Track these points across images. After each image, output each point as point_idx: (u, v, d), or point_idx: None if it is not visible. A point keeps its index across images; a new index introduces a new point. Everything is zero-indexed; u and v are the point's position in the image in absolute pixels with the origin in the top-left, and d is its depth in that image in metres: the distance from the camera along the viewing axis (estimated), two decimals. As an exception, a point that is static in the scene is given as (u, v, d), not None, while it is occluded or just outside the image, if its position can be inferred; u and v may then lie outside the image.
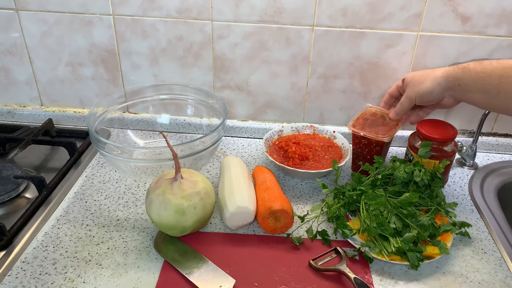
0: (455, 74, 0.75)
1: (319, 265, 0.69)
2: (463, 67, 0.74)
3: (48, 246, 0.73)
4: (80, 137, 1.02)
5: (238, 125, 1.06)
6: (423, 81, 0.79)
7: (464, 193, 0.89)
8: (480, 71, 0.72)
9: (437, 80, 0.77)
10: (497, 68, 0.71)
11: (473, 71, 0.73)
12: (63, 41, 0.99)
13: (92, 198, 0.84)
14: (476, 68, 0.73)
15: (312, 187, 0.89)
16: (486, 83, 0.71)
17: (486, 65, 0.72)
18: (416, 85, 0.80)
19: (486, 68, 0.72)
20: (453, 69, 0.76)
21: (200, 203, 0.71)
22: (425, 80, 0.79)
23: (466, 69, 0.74)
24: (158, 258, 0.71)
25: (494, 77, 0.70)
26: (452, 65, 0.77)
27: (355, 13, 0.90)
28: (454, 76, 0.75)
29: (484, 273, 0.70)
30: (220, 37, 0.95)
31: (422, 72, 0.82)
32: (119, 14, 0.94)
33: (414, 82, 0.81)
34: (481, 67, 0.72)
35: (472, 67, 0.73)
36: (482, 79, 0.72)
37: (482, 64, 0.73)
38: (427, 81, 0.78)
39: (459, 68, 0.75)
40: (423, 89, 0.79)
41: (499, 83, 0.70)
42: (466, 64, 0.74)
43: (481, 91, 0.73)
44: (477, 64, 0.73)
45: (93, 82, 1.04)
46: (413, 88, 0.81)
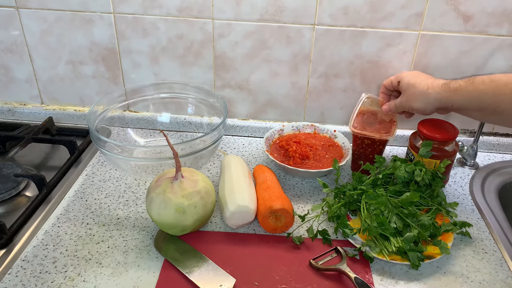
0: (448, 97, 0.74)
1: (319, 264, 0.69)
2: (455, 89, 0.73)
3: (48, 245, 0.73)
4: (80, 136, 1.02)
5: (239, 124, 1.05)
6: (417, 98, 0.78)
7: (465, 192, 0.89)
8: (473, 90, 0.71)
9: (430, 101, 0.77)
10: (490, 86, 0.69)
11: (465, 91, 0.72)
12: (63, 39, 0.99)
13: (93, 196, 0.84)
14: (468, 88, 0.71)
15: (313, 186, 0.89)
16: (480, 103, 0.71)
17: (479, 84, 0.70)
18: (410, 99, 0.80)
19: (479, 87, 0.70)
20: (445, 90, 0.74)
21: (200, 202, 0.71)
22: (419, 97, 0.78)
23: (458, 90, 0.73)
24: (158, 257, 0.71)
25: (488, 95, 0.69)
26: (444, 84, 0.75)
27: (356, 12, 0.89)
28: (446, 98, 0.74)
29: (484, 273, 0.70)
30: (221, 35, 0.95)
31: (416, 82, 0.79)
32: (119, 12, 0.94)
33: (409, 94, 0.80)
34: (473, 87, 0.71)
35: (464, 87, 0.72)
36: (476, 98, 0.71)
37: (474, 83, 0.71)
38: (420, 100, 0.78)
39: (451, 90, 0.73)
40: (417, 106, 0.79)
41: (494, 102, 0.69)
42: (457, 84, 0.73)
43: (476, 109, 0.72)
44: (469, 84, 0.72)
45: (94, 80, 1.04)
46: (407, 101, 0.81)
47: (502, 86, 0.68)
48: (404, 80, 0.82)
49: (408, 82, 0.81)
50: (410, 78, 0.81)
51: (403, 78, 0.83)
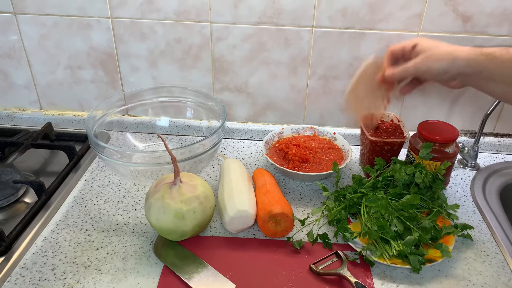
0: (479, 61, 0.66)
1: (320, 269, 0.69)
2: (488, 54, 0.65)
3: (47, 252, 0.72)
4: (79, 141, 1.02)
5: (238, 127, 1.05)
6: (440, 58, 0.68)
7: (466, 194, 0.88)
8: (508, 59, 0.63)
9: (457, 63, 0.67)
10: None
11: (500, 58, 0.64)
12: (61, 44, 0.98)
13: (92, 202, 0.84)
14: (504, 55, 0.64)
15: (313, 189, 0.89)
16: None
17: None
18: (431, 59, 0.69)
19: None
20: (476, 54, 0.66)
21: (199, 207, 0.70)
22: (443, 57, 0.68)
23: (491, 56, 0.65)
24: (157, 263, 0.71)
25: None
26: (475, 47, 0.67)
27: (355, 13, 0.89)
28: (477, 63, 0.66)
29: (486, 276, 0.69)
30: (219, 39, 0.95)
31: (439, 44, 0.71)
32: (117, 17, 0.94)
33: (429, 54, 0.70)
34: (508, 55, 0.63)
35: (498, 54, 0.64)
36: (509, 68, 0.63)
37: (509, 51, 0.63)
38: (445, 60, 0.68)
39: (483, 55, 0.65)
40: (437, 67, 0.69)
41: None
42: (491, 50, 0.65)
43: (506, 82, 0.65)
44: (505, 52, 0.64)
45: (92, 85, 1.04)
46: (426, 60, 0.70)
47: None
48: (422, 42, 0.72)
49: (429, 43, 0.72)
50: (431, 41, 0.72)
51: (421, 41, 0.73)
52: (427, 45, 0.71)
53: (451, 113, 0.99)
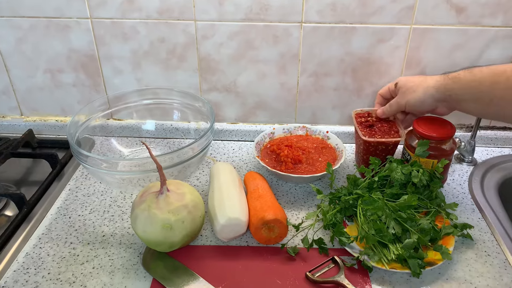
0: (446, 85, 0.73)
1: (316, 277, 0.66)
2: (453, 77, 0.73)
3: (30, 268, 0.69)
4: (62, 148, 0.98)
5: (228, 128, 1.02)
6: (415, 90, 0.77)
7: (464, 191, 0.86)
8: (471, 79, 0.70)
9: (429, 91, 0.75)
10: (487, 74, 0.68)
11: (464, 80, 0.71)
12: (39, 47, 0.94)
13: (76, 213, 0.80)
14: (467, 76, 0.71)
15: (307, 191, 0.86)
16: (478, 91, 0.69)
17: (477, 72, 0.70)
18: (408, 93, 0.78)
19: (477, 75, 0.69)
20: (444, 79, 0.74)
21: (188, 217, 0.67)
22: (417, 89, 0.77)
23: (456, 78, 0.72)
24: (146, 276, 0.67)
25: (485, 84, 0.68)
26: (443, 74, 0.75)
27: (345, 7, 0.86)
28: (445, 87, 0.73)
29: (488, 277, 0.67)
30: (205, 37, 0.91)
31: (416, 78, 0.80)
32: (97, 17, 0.90)
33: (406, 88, 0.79)
34: (471, 75, 0.70)
35: (462, 76, 0.72)
36: (474, 87, 0.70)
37: (472, 72, 0.70)
38: (419, 91, 0.76)
39: (450, 78, 0.73)
40: (414, 98, 0.77)
41: (491, 90, 0.67)
42: (456, 74, 0.73)
43: (474, 99, 0.71)
44: (467, 73, 0.71)
45: (74, 88, 1.00)
46: (404, 95, 0.79)
47: (499, 73, 0.67)
48: (402, 79, 0.82)
49: (406, 79, 0.81)
50: (408, 76, 0.82)
51: (400, 79, 0.82)
52: (405, 80, 0.81)
53: (446, 107, 0.96)
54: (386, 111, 0.84)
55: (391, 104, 0.83)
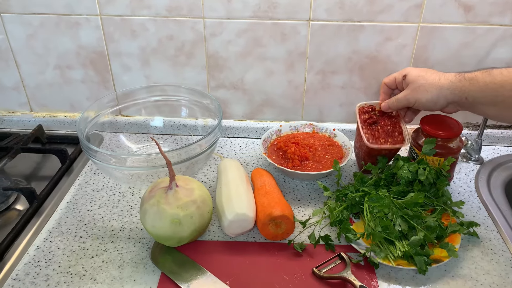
0: (462, 87, 0.68)
1: (322, 272, 0.67)
2: (471, 78, 0.68)
3: (40, 261, 0.70)
4: (72, 143, 0.99)
5: (235, 125, 1.02)
6: (428, 89, 0.72)
7: (471, 189, 0.86)
8: (490, 81, 0.66)
9: (443, 92, 0.70)
10: (508, 77, 0.64)
11: (482, 82, 0.66)
12: (49, 44, 0.95)
13: (86, 207, 0.81)
14: (485, 78, 0.66)
15: (313, 188, 0.86)
16: (497, 95, 0.65)
17: (496, 75, 0.65)
18: (419, 91, 0.73)
19: (497, 78, 0.65)
20: (459, 80, 0.69)
21: (197, 212, 0.68)
22: (430, 88, 0.72)
23: (473, 80, 0.67)
24: (155, 270, 0.68)
25: (506, 88, 0.64)
26: (458, 74, 0.70)
27: (353, 5, 0.86)
28: (461, 89, 0.69)
29: (494, 275, 0.67)
30: (213, 34, 0.91)
31: (427, 74, 0.74)
32: (106, 14, 0.90)
33: (417, 86, 0.74)
34: (490, 77, 0.66)
35: (480, 77, 0.67)
36: (493, 90, 0.65)
37: (491, 74, 0.66)
38: (432, 91, 0.72)
39: (466, 80, 0.68)
40: (426, 98, 0.73)
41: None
42: (473, 75, 0.68)
43: (492, 103, 0.67)
44: (486, 74, 0.66)
45: (83, 85, 1.01)
46: (415, 92, 0.74)
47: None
48: (411, 73, 0.76)
49: (417, 74, 0.75)
50: (419, 71, 0.75)
51: (410, 72, 0.76)
52: (415, 76, 0.75)
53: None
54: (392, 106, 0.80)
55: (398, 100, 0.78)
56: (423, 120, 0.81)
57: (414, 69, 0.77)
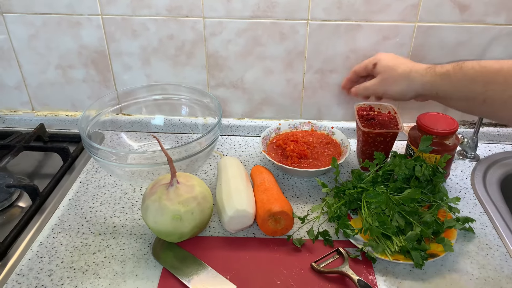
0: (433, 82, 0.67)
1: (321, 267, 0.68)
2: (442, 73, 0.66)
3: (44, 257, 0.71)
4: (73, 142, 1.00)
5: (234, 124, 1.03)
6: (397, 80, 0.71)
7: (467, 186, 0.87)
8: (462, 77, 0.64)
9: (412, 86, 0.70)
10: (481, 73, 0.62)
11: (454, 77, 0.65)
12: (51, 44, 0.96)
13: (88, 204, 0.82)
14: (457, 74, 0.65)
15: (312, 185, 0.87)
16: (469, 91, 0.63)
17: (468, 69, 0.64)
18: (388, 83, 0.72)
19: (468, 73, 0.63)
20: (431, 75, 0.68)
21: (197, 208, 0.69)
22: (399, 81, 0.71)
23: (445, 75, 0.66)
24: (156, 266, 0.69)
25: (478, 83, 0.62)
26: (429, 67, 0.68)
27: (350, 5, 0.87)
28: (431, 84, 0.67)
29: (489, 269, 0.69)
30: (213, 34, 0.93)
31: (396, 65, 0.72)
32: (107, 14, 0.92)
33: (386, 77, 0.73)
34: (462, 73, 0.64)
35: (452, 73, 0.65)
36: (465, 86, 0.64)
37: (463, 69, 0.64)
38: (401, 83, 0.71)
39: (437, 75, 0.67)
40: (394, 90, 0.72)
41: (485, 91, 0.62)
42: (444, 69, 0.66)
43: (464, 99, 0.65)
44: (458, 69, 0.65)
45: (85, 84, 1.02)
46: (383, 83, 0.73)
47: (494, 73, 0.61)
48: (381, 62, 0.75)
49: (387, 64, 0.74)
50: (389, 60, 0.74)
51: (381, 60, 0.75)
52: (385, 66, 0.74)
53: (449, 104, 0.98)
54: (360, 92, 0.79)
55: (366, 88, 0.77)
56: (420, 117, 0.83)
57: (385, 57, 0.76)
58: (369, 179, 0.79)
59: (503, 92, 0.59)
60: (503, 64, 0.61)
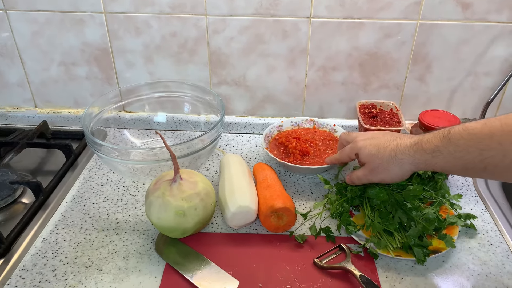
0: (426, 161, 0.63)
1: (323, 263, 0.68)
2: (432, 151, 0.61)
3: (47, 253, 0.71)
4: (76, 139, 1.01)
5: (237, 121, 1.04)
6: (387, 167, 0.67)
7: (468, 183, 0.88)
8: (454, 151, 0.59)
9: (405, 167, 0.66)
10: (472, 141, 0.57)
11: (446, 153, 0.60)
12: (54, 41, 0.97)
13: (91, 201, 0.83)
14: (448, 148, 0.60)
15: (314, 182, 0.88)
16: (467, 162, 0.59)
17: (457, 141, 0.59)
18: (379, 171, 0.68)
19: (459, 144, 0.58)
20: (420, 153, 0.63)
21: (200, 204, 0.69)
22: (390, 167, 0.67)
23: (436, 152, 0.61)
24: (159, 261, 0.70)
25: (474, 153, 0.57)
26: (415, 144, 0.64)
27: (353, 3, 0.87)
28: (424, 163, 0.63)
29: (491, 265, 0.69)
30: (215, 31, 0.93)
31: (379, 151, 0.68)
32: (111, 12, 0.92)
33: (374, 167, 0.69)
34: (453, 146, 0.59)
35: (442, 148, 0.60)
36: (460, 159, 0.59)
37: (451, 141, 0.59)
38: (393, 168, 0.67)
39: (427, 153, 0.62)
40: (389, 177, 0.68)
41: (483, 159, 0.57)
42: (433, 146, 0.61)
43: (462, 170, 0.61)
44: (447, 143, 0.60)
45: (87, 81, 1.02)
46: (375, 173, 0.69)
47: (486, 139, 0.56)
48: (363, 152, 0.70)
49: (369, 153, 0.69)
50: (370, 149, 0.69)
51: (361, 150, 0.70)
52: (368, 155, 0.69)
53: (451, 102, 0.98)
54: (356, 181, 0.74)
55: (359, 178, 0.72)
56: (422, 114, 0.83)
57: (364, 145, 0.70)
58: (371, 176, 0.79)
59: (504, 157, 0.55)
60: (491, 127, 0.56)
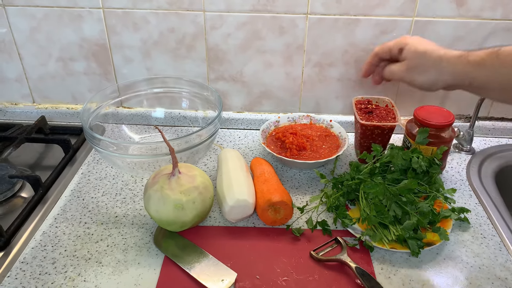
0: (466, 72, 0.61)
1: (320, 255, 0.69)
2: (476, 63, 0.60)
3: (47, 246, 0.72)
4: (74, 134, 1.01)
5: (234, 117, 1.05)
6: (427, 70, 0.65)
7: (462, 178, 0.89)
8: (499, 66, 0.57)
9: (443, 75, 0.64)
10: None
11: (490, 66, 0.58)
12: (52, 36, 0.97)
13: (89, 195, 0.83)
14: (493, 62, 0.58)
15: (311, 177, 0.89)
16: (508, 81, 0.57)
17: (506, 57, 0.57)
18: (416, 71, 0.66)
19: (506, 61, 0.57)
20: (463, 64, 0.62)
21: (199, 198, 0.70)
22: (429, 70, 0.65)
23: (479, 64, 0.60)
24: (158, 254, 0.71)
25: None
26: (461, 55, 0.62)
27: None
28: (465, 74, 0.62)
29: (484, 258, 0.70)
30: (213, 27, 0.94)
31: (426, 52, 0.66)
32: (109, 7, 0.92)
33: (414, 65, 0.67)
34: (499, 61, 0.58)
35: (487, 61, 0.59)
36: (502, 75, 0.57)
37: (499, 56, 0.58)
38: (431, 72, 0.64)
39: (471, 64, 0.61)
40: (423, 80, 0.66)
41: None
42: (479, 58, 0.60)
43: (500, 88, 0.59)
44: (494, 57, 0.58)
45: (85, 77, 1.03)
46: (411, 71, 0.67)
47: None
48: (409, 47, 0.68)
49: (415, 50, 0.67)
50: (418, 45, 0.67)
51: (408, 45, 0.68)
52: (413, 52, 0.67)
53: (446, 98, 1.00)
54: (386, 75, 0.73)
55: (393, 72, 0.70)
56: (417, 110, 0.84)
57: (413, 42, 0.68)
58: (367, 171, 0.80)
59: None
60: None
